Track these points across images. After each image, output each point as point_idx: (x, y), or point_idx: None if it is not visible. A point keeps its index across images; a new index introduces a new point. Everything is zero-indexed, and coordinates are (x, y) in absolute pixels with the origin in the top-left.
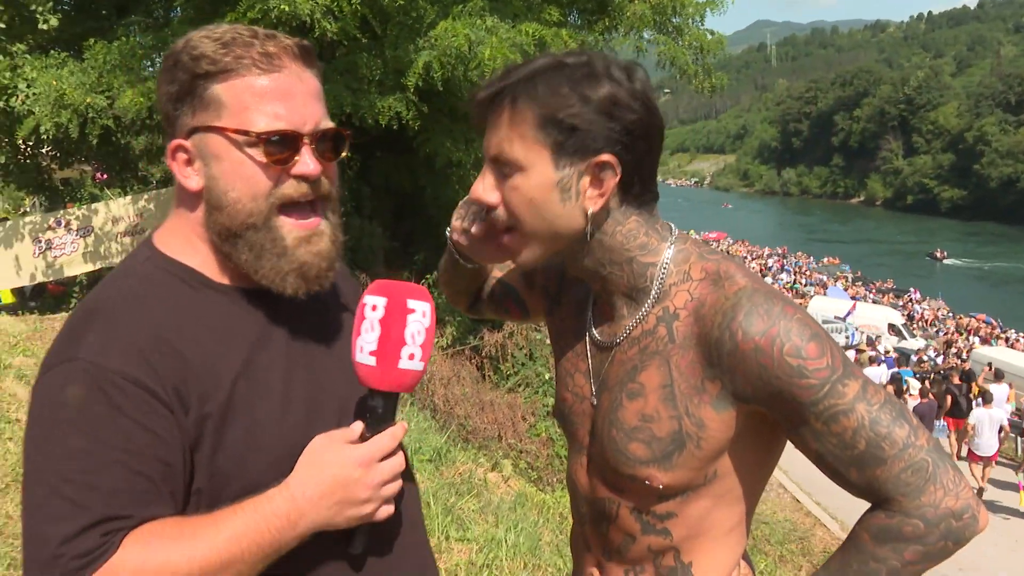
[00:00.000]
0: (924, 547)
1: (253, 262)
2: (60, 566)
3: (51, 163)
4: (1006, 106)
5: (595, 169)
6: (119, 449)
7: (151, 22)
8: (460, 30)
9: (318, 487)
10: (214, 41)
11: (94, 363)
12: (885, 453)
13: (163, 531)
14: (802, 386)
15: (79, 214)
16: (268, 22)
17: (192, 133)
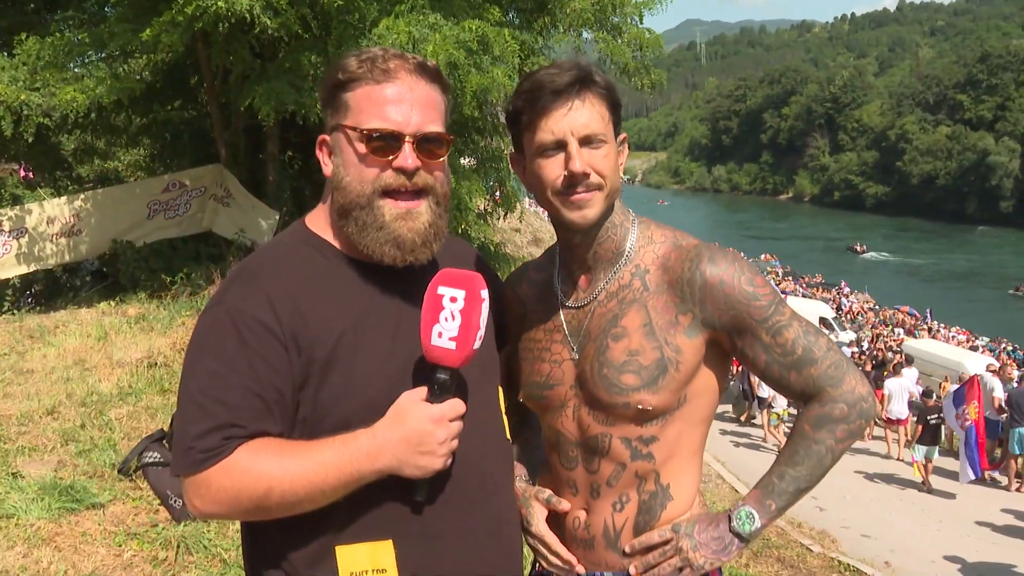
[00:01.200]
0: (848, 425)
1: (357, 235)
2: (191, 456)
3: None
4: (925, 105)
5: (622, 142)
6: (243, 374)
7: (85, 18)
8: (402, 28)
9: (397, 432)
10: (355, 58)
11: (234, 307)
12: (815, 356)
13: (269, 446)
14: (756, 307)
15: (11, 215)
16: (207, 19)
17: (332, 131)
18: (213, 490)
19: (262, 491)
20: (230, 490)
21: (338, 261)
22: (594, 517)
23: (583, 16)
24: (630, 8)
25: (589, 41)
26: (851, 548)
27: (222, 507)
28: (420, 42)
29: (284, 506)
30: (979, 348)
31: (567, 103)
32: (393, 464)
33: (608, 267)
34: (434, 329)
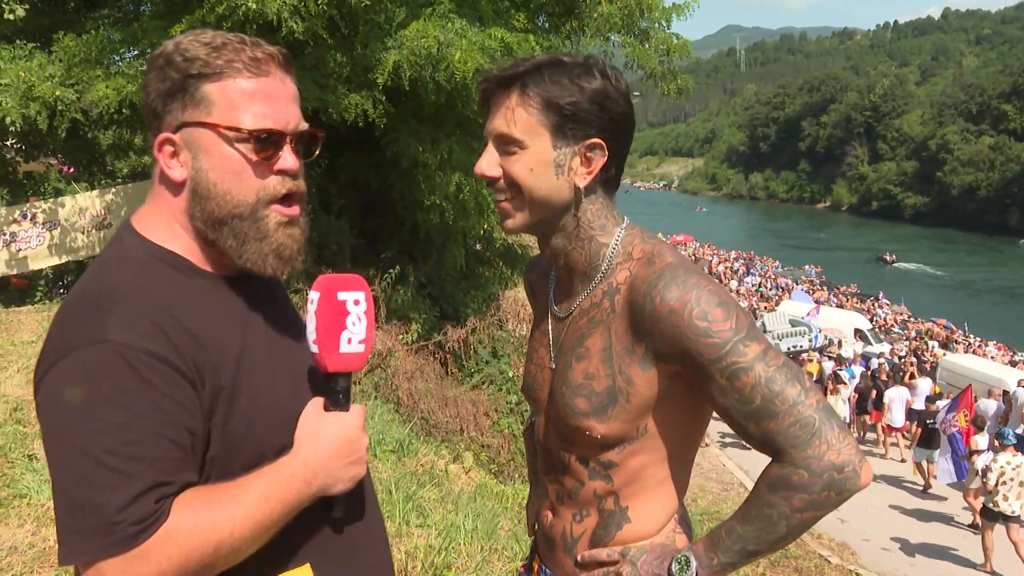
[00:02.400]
0: (810, 495)
1: (237, 248)
2: (119, 531)
3: (16, 156)
4: (967, 115)
5: (586, 150)
6: (154, 420)
7: (120, 16)
8: (431, 32)
9: (327, 449)
10: (205, 45)
11: (123, 343)
12: (777, 408)
13: (203, 496)
14: (707, 344)
15: (45, 207)
16: (236, 20)
17: (180, 128)
18: (153, 564)
19: (212, 547)
20: (176, 558)
21: (198, 278)
22: (557, 521)
23: (610, 21)
24: (658, 13)
25: (616, 45)
26: (871, 561)
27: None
28: (447, 47)
29: (232, 556)
30: (1017, 363)
31: (494, 104)
32: (328, 483)
33: (585, 282)
34: (343, 336)
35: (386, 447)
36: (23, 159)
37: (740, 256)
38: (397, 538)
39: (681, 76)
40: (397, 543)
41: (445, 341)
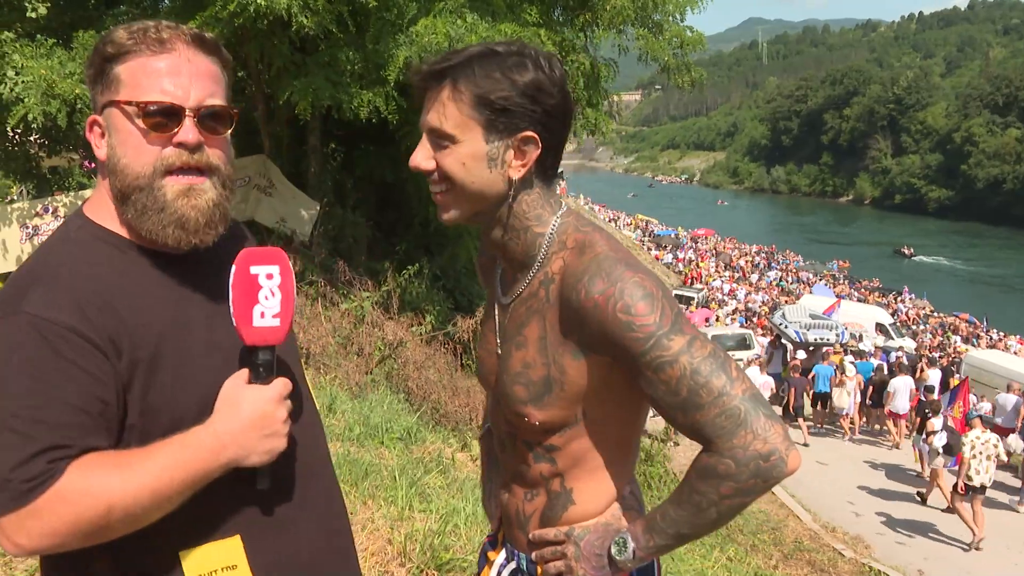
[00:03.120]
0: (736, 484)
1: (137, 219)
2: (10, 489)
3: (39, 151)
4: (994, 107)
5: (520, 143)
6: (61, 388)
7: (139, 13)
8: (440, 27)
9: (239, 421)
10: (124, 30)
11: (38, 315)
12: (703, 400)
13: (102, 460)
14: (631, 339)
15: (66, 201)
16: (247, 16)
17: (103, 109)
18: (45, 521)
19: (103, 510)
20: (66, 516)
21: (134, 254)
22: (512, 500)
23: (623, 13)
24: (672, 6)
25: (630, 38)
26: (885, 555)
27: (57, 538)
28: (456, 42)
29: (128, 521)
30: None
31: (427, 97)
32: (240, 454)
33: (524, 271)
34: (255, 310)
35: (393, 435)
36: (46, 154)
37: (761, 250)
38: (399, 522)
39: (695, 68)
40: (398, 526)
41: (456, 332)
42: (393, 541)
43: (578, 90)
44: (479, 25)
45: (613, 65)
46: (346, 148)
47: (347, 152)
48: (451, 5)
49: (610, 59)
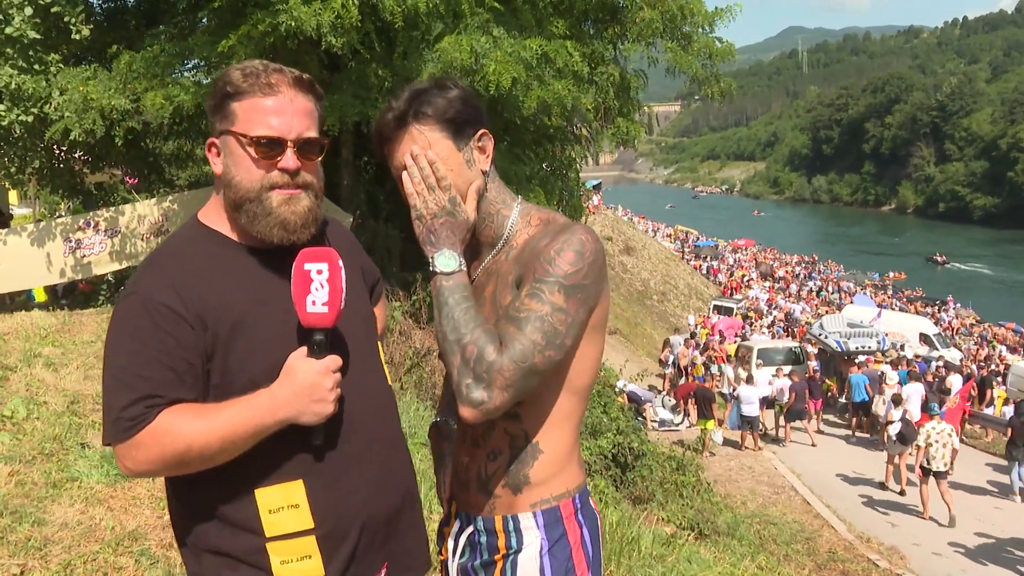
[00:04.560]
0: (464, 364)
1: (250, 224)
2: (119, 425)
3: (83, 168)
4: None
5: (478, 140)
6: (157, 351)
7: (175, 32)
8: (465, 44)
9: (292, 387)
10: (239, 71)
11: (146, 295)
12: (520, 332)
13: (186, 410)
14: (542, 266)
15: (107, 215)
16: (278, 36)
17: (220, 135)
18: (141, 452)
19: (183, 448)
20: (155, 449)
21: (231, 249)
22: (472, 463)
23: (652, 26)
24: (700, 18)
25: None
26: (920, 566)
27: (150, 465)
28: (482, 57)
29: (203, 459)
30: None
31: (396, 141)
32: (292, 414)
33: (490, 249)
34: (307, 299)
35: (417, 440)
36: (90, 171)
37: (802, 260)
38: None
39: (724, 80)
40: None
41: None
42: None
43: (608, 100)
44: (505, 40)
45: (643, 76)
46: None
47: (379, 165)
48: (477, 21)
49: (641, 70)
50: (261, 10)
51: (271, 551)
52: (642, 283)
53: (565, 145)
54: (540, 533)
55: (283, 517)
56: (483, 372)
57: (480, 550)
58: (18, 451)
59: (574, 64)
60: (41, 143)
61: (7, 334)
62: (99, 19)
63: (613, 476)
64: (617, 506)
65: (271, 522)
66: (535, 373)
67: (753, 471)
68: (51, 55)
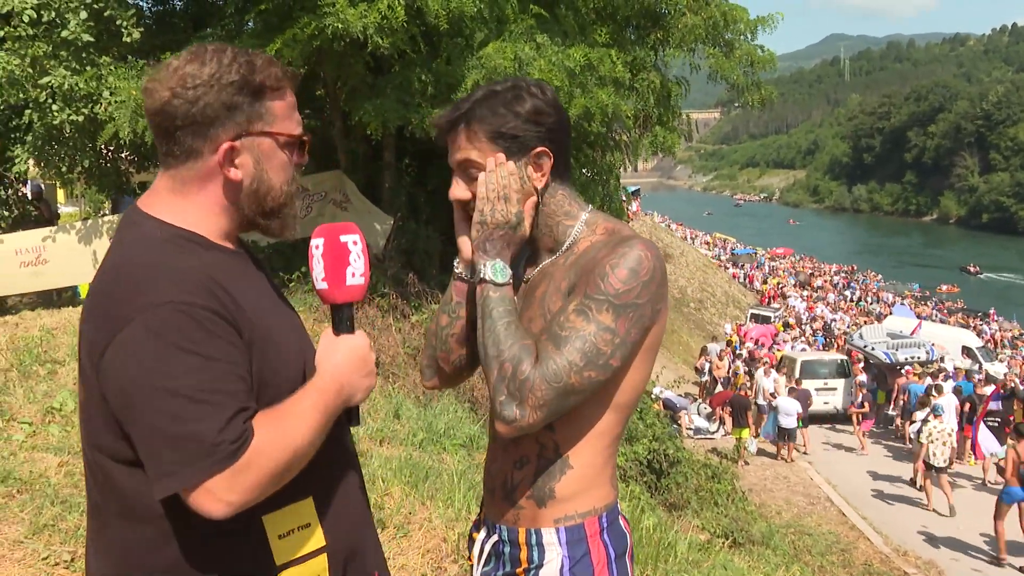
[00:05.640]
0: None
1: (280, 228)
2: (221, 451)
3: (129, 167)
4: None
5: (534, 159)
6: (224, 360)
7: (223, 35)
8: (508, 51)
9: (349, 364)
10: (275, 66)
11: (181, 301)
12: (560, 352)
13: (267, 417)
14: (595, 284)
15: None
16: (324, 38)
17: (244, 136)
18: (252, 474)
19: (290, 455)
20: (268, 465)
21: (214, 251)
22: (499, 470)
23: (695, 32)
24: (743, 25)
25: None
26: None
27: (260, 488)
28: (526, 64)
29: (303, 460)
30: None
31: (450, 142)
32: (350, 392)
33: (549, 255)
34: (347, 271)
35: (456, 441)
36: (136, 170)
37: (840, 270)
38: (455, 522)
39: (765, 87)
40: (454, 526)
41: None
42: (448, 539)
43: (649, 108)
44: (548, 48)
45: (685, 83)
46: (420, 163)
47: (421, 167)
48: (520, 28)
49: (682, 77)
50: (308, 13)
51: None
52: (679, 290)
53: (605, 151)
54: (562, 550)
55: (294, 540)
56: (516, 389)
57: (503, 560)
58: (67, 443)
59: (616, 72)
60: (90, 143)
61: (55, 329)
62: (148, 22)
63: (648, 482)
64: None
65: (282, 548)
66: (571, 393)
67: (788, 481)
68: (102, 57)
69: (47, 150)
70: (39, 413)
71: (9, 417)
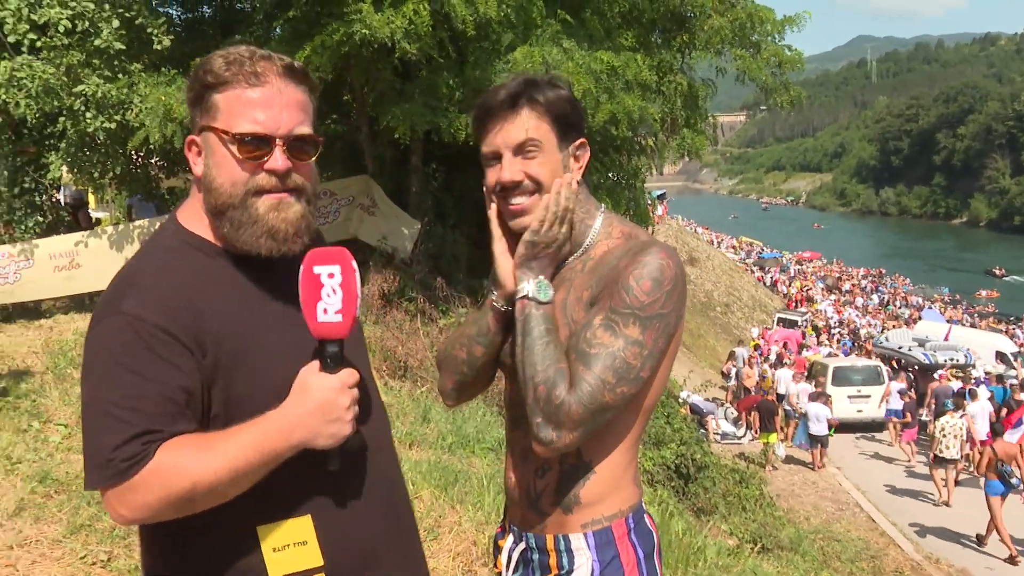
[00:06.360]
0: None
1: (233, 233)
2: (112, 467)
3: (159, 172)
4: None
5: (576, 149)
6: (154, 381)
7: (252, 42)
8: (536, 55)
9: (305, 406)
10: (221, 59)
11: (134, 316)
12: (589, 370)
13: (188, 442)
14: (619, 296)
15: None
16: (353, 44)
17: (200, 132)
18: (139, 495)
19: (189, 486)
20: (156, 491)
21: (221, 259)
22: (521, 477)
23: (721, 34)
24: (770, 26)
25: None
26: None
27: (151, 510)
28: (553, 68)
29: (211, 495)
30: None
31: (501, 120)
32: (307, 436)
33: (569, 255)
34: (318, 307)
35: (484, 445)
36: (165, 175)
37: (868, 273)
38: (484, 525)
39: (794, 88)
40: (484, 529)
41: None
42: (478, 543)
43: (675, 110)
44: (575, 52)
45: (712, 85)
46: (447, 168)
47: (448, 171)
48: (548, 32)
49: (709, 80)
50: (335, 20)
51: None
52: (706, 294)
53: (631, 155)
54: (591, 554)
55: (289, 555)
56: (552, 413)
57: (533, 567)
58: None
59: (642, 76)
60: (122, 149)
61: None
62: (178, 30)
63: (676, 487)
64: (680, 516)
65: (275, 561)
66: (606, 410)
67: (817, 486)
68: (133, 64)
69: (80, 157)
70: (74, 415)
71: (45, 419)
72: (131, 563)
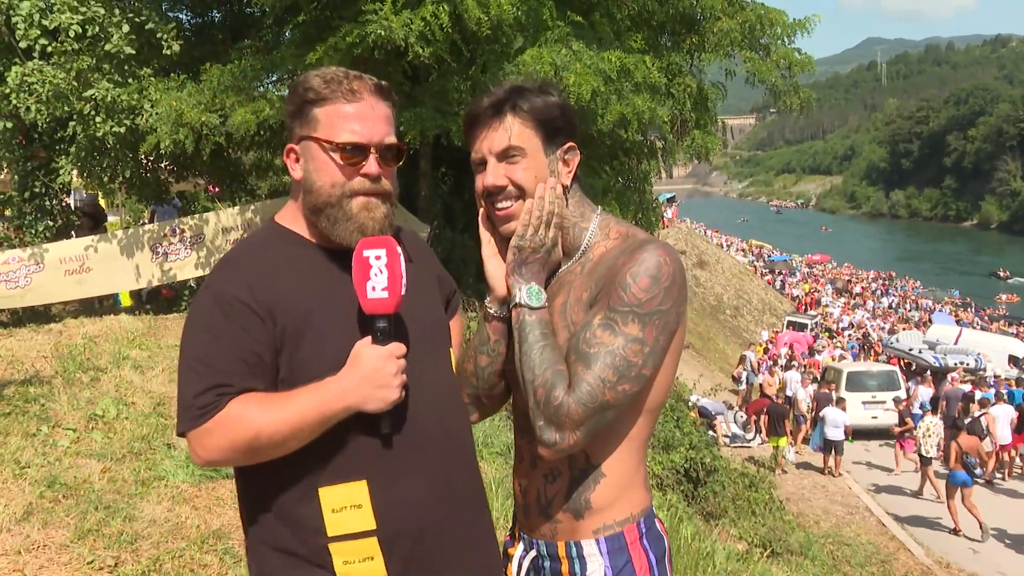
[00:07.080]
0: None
1: (330, 228)
2: (191, 413)
3: (169, 177)
4: None
5: (564, 153)
6: (228, 342)
7: (261, 46)
8: (546, 57)
9: (357, 373)
10: (319, 78)
11: (218, 289)
12: (588, 370)
13: (256, 398)
14: (617, 295)
15: (192, 224)
16: (366, 46)
17: (300, 140)
18: (213, 439)
19: (252, 435)
20: (225, 436)
21: (305, 249)
22: (531, 485)
23: (730, 36)
24: (780, 29)
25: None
26: None
27: (221, 453)
28: (562, 70)
29: (272, 446)
30: None
31: (485, 127)
32: (358, 400)
33: (565, 260)
34: (367, 285)
35: (493, 449)
36: (175, 180)
37: (879, 276)
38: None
39: (803, 90)
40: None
41: None
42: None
43: (685, 112)
44: (584, 53)
45: (722, 88)
46: (456, 172)
47: (457, 176)
48: (558, 34)
49: (719, 82)
50: (348, 22)
51: (333, 551)
52: (715, 297)
53: (640, 158)
54: (604, 560)
55: (346, 517)
56: (552, 415)
57: (544, 575)
58: (110, 449)
59: (652, 77)
60: (132, 154)
61: (98, 337)
62: (188, 34)
63: (685, 491)
64: (690, 520)
65: (334, 521)
66: (607, 409)
67: (827, 490)
68: (143, 69)
69: (90, 161)
70: (83, 420)
71: (54, 423)
72: (138, 568)
